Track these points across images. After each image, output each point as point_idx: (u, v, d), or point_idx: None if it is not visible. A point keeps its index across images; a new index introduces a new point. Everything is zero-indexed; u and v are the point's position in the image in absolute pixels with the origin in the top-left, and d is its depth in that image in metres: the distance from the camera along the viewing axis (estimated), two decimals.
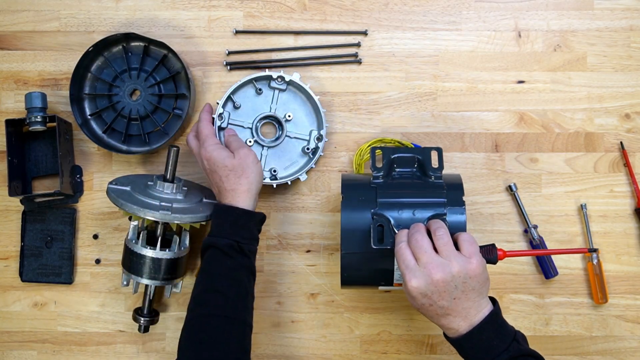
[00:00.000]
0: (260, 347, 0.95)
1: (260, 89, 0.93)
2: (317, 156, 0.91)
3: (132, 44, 0.94)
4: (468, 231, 0.92)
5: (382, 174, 0.82)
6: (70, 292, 0.96)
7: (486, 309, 0.72)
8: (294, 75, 0.91)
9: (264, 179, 0.91)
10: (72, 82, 0.92)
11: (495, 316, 0.73)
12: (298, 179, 0.92)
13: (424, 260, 0.71)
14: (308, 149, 0.92)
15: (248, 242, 0.81)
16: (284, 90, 0.93)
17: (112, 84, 0.94)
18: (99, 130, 0.95)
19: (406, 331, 0.94)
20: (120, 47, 0.94)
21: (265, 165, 0.93)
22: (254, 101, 0.94)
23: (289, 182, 0.92)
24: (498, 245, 0.95)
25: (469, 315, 0.72)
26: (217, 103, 0.91)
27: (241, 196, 0.82)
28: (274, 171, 0.93)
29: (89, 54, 0.92)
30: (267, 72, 0.91)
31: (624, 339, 0.94)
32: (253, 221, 0.82)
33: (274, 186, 0.93)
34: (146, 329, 0.90)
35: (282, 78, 0.91)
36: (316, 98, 0.91)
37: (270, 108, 0.93)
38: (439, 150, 0.83)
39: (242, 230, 0.81)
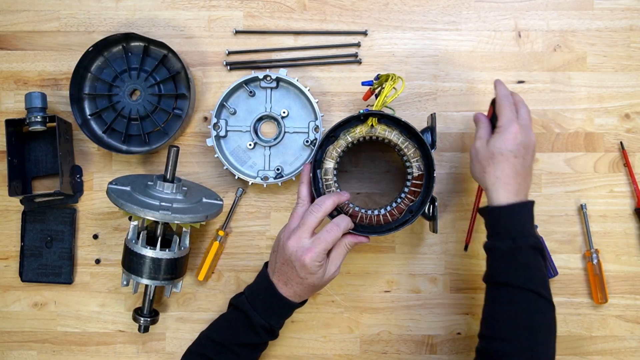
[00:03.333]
0: None
1: (252, 91, 0.93)
2: (316, 148, 0.91)
3: (132, 44, 0.95)
4: (475, 234, 0.93)
5: None
6: (70, 292, 0.96)
7: (526, 193, 0.82)
8: (281, 71, 0.91)
9: (268, 179, 0.92)
10: (72, 82, 0.92)
11: (532, 209, 0.81)
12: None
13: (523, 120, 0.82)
14: (308, 141, 0.93)
15: (279, 326, 0.84)
16: (276, 88, 0.93)
17: (112, 84, 0.94)
18: (98, 130, 0.95)
19: (406, 331, 0.94)
20: (120, 47, 0.94)
21: (270, 165, 0.93)
22: (249, 103, 0.94)
23: (294, 178, 0.92)
24: None
25: (525, 190, 0.81)
26: (211, 113, 0.92)
27: (294, 296, 0.81)
28: (278, 169, 0.93)
29: (89, 54, 0.92)
30: (253, 74, 0.91)
31: (624, 339, 0.94)
32: (292, 312, 0.84)
33: (280, 184, 0.93)
34: (146, 329, 0.90)
35: (269, 76, 0.91)
36: (306, 90, 0.91)
37: (266, 107, 0.93)
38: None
39: (281, 319, 0.84)
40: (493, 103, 0.85)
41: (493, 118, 0.84)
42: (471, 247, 0.94)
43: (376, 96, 0.85)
